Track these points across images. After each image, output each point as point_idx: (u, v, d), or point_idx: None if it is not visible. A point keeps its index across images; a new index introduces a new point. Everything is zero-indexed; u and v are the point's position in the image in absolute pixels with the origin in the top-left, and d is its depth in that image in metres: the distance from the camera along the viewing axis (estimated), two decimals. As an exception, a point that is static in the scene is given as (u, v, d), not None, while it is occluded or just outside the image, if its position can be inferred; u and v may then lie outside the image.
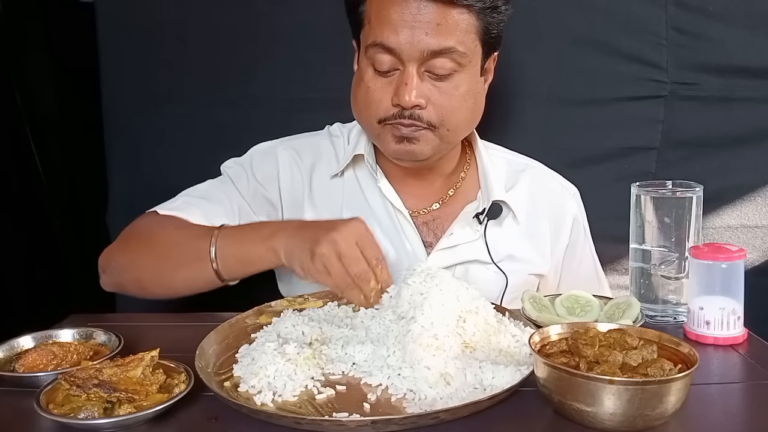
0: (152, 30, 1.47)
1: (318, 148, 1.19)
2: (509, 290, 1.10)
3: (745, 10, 1.37)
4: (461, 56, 0.99)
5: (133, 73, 1.48)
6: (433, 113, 1.01)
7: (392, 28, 0.97)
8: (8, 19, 1.55)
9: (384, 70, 1.01)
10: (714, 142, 1.41)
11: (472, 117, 1.08)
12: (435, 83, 1.00)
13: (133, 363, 0.74)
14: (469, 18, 0.99)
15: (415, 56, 0.98)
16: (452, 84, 1.01)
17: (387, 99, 1.01)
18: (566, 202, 1.22)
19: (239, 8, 1.43)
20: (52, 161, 1.64)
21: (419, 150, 1.04)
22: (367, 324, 0.88)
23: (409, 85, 0.98)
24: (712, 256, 0.89)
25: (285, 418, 0.69)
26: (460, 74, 1.01)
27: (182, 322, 1.03)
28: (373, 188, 1.14)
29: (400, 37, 0.97)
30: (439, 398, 0.73)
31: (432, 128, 1.02)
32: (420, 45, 0.97)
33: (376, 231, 1.13)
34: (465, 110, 1.04)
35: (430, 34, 0.96)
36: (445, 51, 0.98)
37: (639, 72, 1.40)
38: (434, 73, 1.00)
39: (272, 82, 1.44)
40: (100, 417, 0.68)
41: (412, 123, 1.01)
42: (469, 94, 1.03)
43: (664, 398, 0.65)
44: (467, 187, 1.18)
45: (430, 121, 1.01)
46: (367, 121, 1.06)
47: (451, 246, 1.12)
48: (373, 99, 1.03)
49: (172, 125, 1.49)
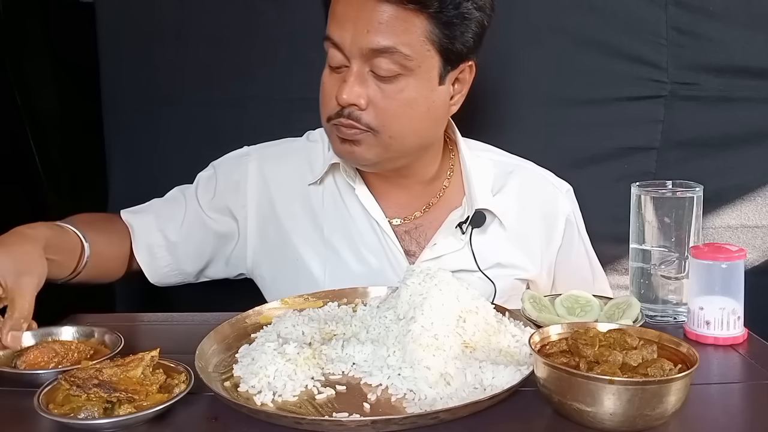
0: (152, 30, 1.47)
1: (293, 156, 1.17)
2: (498, 297, 1.07)
3: (745, 10, 1.37)
4: (405, 59, 0.94)
5: (133, 73, 1.48)
6: (373, 116, 0.97)
7: (338, 23, 0.96)
8: (8, 19, 1.55)
9: (335, 66, 0.99)
10: (714, 142, 1.41)
11: (423, 127, 1.02)
12: (379, 84, 0.97)
13: (133, 363, 0.74)
14: (420, 21, 0.94)
15: (355, 53, 0.95)
16: (396, 87, 0.97)
17: (333, 95, 0.99)
18: (558, 201, 1.18)
19: (239, 8, 1.44)
20: (52, 161, 1.64)
21: (360, 154, 1.00)
22: (367, 324, 0.88)
23: (347, 83, 0.96)
24: (712, 256, 0.89)
25: (285, 418, 0.69)
26: (407, 78, 0.96)
27: (182, 322, 1.03)
28: (351, 196, 1.11)
29: (344, 32, 0.95)
30: (439, 398, 0.73)
31: (372, 132, 0.98)
32: (360, 42, 0.94)
33: (356, 241, 1.12)
34: (410, 118, 0.99)
35: (372, 31, 0.93)
36: (385, 51, 0.94)
37: (639, 72, 1.40)
38: (377, 74, 0.96)
39: (272, 82, 1.44)
40: (100, 417, 0.68)
41: (351, 124, 0.98)
42: (417, 101, 0.98)
43: (664, 398, 0.65)
44: (451, 193, 1.14)
45: (369, 124, 0.97)
46: (323, 117, 1.03)
47: (435, 257, 1.09)
48: (324, 94, 1.01)
49: (172, 125, 1.49)
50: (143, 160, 1.51)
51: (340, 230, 1.12)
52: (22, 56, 1.59)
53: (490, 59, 1.43)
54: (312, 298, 1.02)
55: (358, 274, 1.10)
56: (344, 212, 1.12)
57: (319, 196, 1.14)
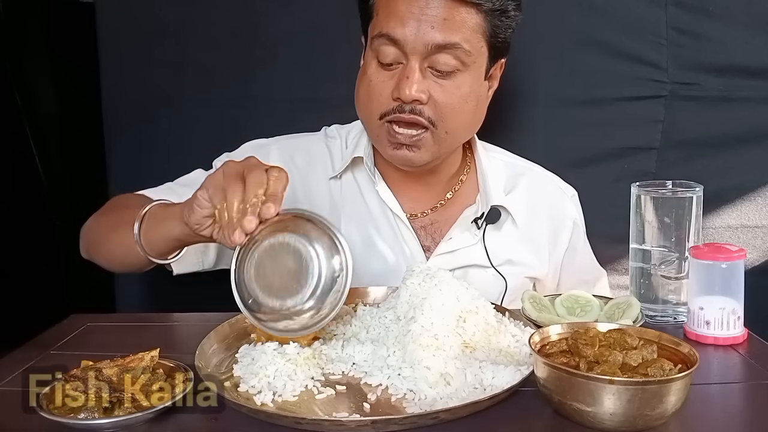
0: (152, 30, 1.47)
1: (312, 150, 1.18)
2: (508, 294, 1.10)
3: (745, 10, 1.37)
4: (466, 54, 0.98)
5: (133, 73, 1.48)
6: (433, 110, 1.00)
7: (399, 20, 0.97)
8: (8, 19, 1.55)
9: (387, 62, 1.00)
10: (714, 142, 1.41)
11: (472, 121, 1.07)
12: (437, 80, 1.00)
13: (133, 363, 0.74)
14: (476, 18, 0.98)
15: (419, 49, 0.97)
16: (454, 83, 1.00)
17: (388, 93, 1.00)
18: (565, 205, 1.22)
19: (239, 8, 1.44)
20: (52, 161, 1.64)
21: (418, 158, 1.03)
22: (367, 324, 0.88)
23: (410, 79, 0.98)
24: (712, 256, 0.89)
25: (285, 418, 0.69)
26: (464, 74, 1.00)
27: (182, 322, 1.03)
28: (371, 191, 1.13)
29: (405, 28, 0.97)
30: (439, 398, 0.73)
31: (432, 126, 1.01)
32: (425, 38, 0.96)
33: (374, 235, 1.13)
34: (465, 112, 1.03)
35: (436, 28, 0.96)
36: (449, 46, 0.97)
37: (639, 72, 1.40)
38: (437, 70, 0.99)
39: (272, 82, 1.44)
40: (100, 417, 0.68)
41: (413, 119, 1.00)
42: (471, 96, 1.02)
43: (664, 398, 0.65)
44: (466, 191, 1.17)
45: (430, 118, 1.00)
46: (368, 116, 1.04)
47: (450, 251, 1.11)
48: (374, 92, 1.02)
49: (172, 125, 1.49)
50: (143, 160, 1.51)
51: (357, 223, 1.14)
52: (22, 56, 1.59)
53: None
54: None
55: (374, 268, 1.12)
56: (362, 206, 1.14)
57: (338, 190, 1.15)
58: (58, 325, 1.02)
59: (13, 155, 1.58)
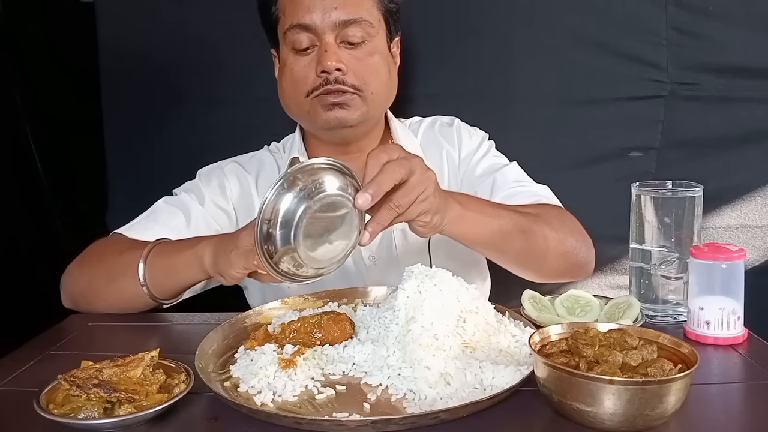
0: (152, 30, 1.48)
1: (260, 161, 1.26)
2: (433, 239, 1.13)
3: (745, 10, 1.37)
4: (369, 26, 1.10)
5: (133, 73, 1.48)
6: (354, 77, 1.09)
7: (305, 8, 1.08)
8: (8, 19, 1.55)
9: (304, 48, 1.10)
10: (714, 142, 1.41)
11: (390, 86, 1.17)
12: (350, 51, 1.10)
13: (133, 363, 0.74)
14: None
15: (329, 27, 1.08)
16: (365, 51, 1.11)
17: (311, 73, 1.09)
18: (452, 134, 1.26)
19: (239, 8, 1.43)
20: (52, 161, 1.64)
21: (349, 115, 1.10)
22: (367, 324, 0.88)
23: (329, 51, 1.08)
24: (712, 256, 0.89)
25: (285, 418, 0.69)
26: (371, 43, 1.11)
27: (182, 322, 1.03)
28: None
29: (313, 14, 1.08)
30: (439, 398, 0.73)
31: (358, 92, 1.09)
32: (332, 17, 1.08)
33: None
34: (383, 75, 1.13)
35: (339, 7, 1.08)
36: (354, 21, 1.08)
37: (639, 72, 1.40)
38: (349, 42, 1.09)
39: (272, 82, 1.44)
40: (100, 417, 0.68)
41: (339, 88, 1.08)
42: (382, 63, 1.13)
43: (664, 398, 0.65)
44: None
45: (354, 84, 1.09)
46: (296, 99, 1.12)
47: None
48: (298, 77, 1.11)
49: (172, 125, 1.49)
50: (143, 160, 1.51)
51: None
52: (22, 56, 1.59)
53: (490, 59, 1.44)
54: (312, 298, 1.02)
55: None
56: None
57: None
58: (58, 325, 1.02)
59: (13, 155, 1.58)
